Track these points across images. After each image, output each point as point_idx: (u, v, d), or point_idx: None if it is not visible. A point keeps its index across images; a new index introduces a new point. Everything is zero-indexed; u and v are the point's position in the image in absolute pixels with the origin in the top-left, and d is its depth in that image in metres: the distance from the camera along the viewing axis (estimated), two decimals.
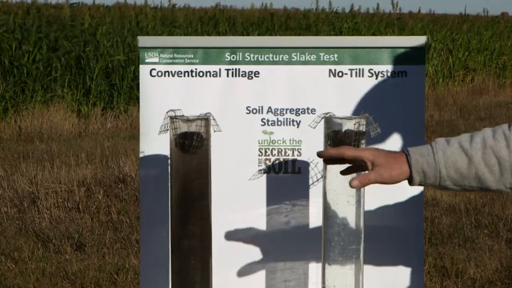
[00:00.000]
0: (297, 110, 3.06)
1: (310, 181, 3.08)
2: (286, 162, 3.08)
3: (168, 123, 2.73)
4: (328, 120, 2.68)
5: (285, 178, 3.08)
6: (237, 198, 3.09)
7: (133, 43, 12.20)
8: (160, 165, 3.07)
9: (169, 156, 2.75)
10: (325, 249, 2.75)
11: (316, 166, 3.07)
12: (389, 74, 3.05)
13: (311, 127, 3.04)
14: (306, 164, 3.07)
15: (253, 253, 3.11)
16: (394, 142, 3.06)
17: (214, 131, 2.98)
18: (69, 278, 4.91)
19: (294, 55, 3.06)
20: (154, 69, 3.09)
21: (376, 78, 3.05)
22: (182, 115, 2.79)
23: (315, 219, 3.05)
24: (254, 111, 3.08)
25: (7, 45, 11.11)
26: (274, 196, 3.08)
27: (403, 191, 3.07)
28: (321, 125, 2.76)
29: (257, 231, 3.09)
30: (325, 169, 2.72)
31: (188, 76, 3.09)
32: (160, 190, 3.04)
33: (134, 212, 6.16)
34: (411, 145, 3.06)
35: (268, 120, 3.07)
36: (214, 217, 2.84)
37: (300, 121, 3.06)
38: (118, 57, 11.63)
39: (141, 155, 3.10)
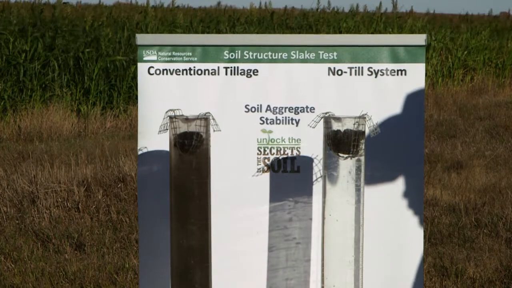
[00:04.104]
0: (296, 108, 3.06)
1: (310, 180, 3.07)
2: (285, 160, 3.07)
3: (168, 122, 2.73)
4: (328, 120, 2.68)
5: (284, 177, 3.08)
6: (236, 197, 3.08)
7: (133, 43, 12.19)
8: (159, 164, 3.06)
9: (168, 155, 2.75)
10: (325, 248, 2.75)
11: (317, 165, 3.06)
12: (388, 72, 3.05)
13: (310, 126, 3.03)
14: (305, 163, 3.07)
15: (253, 252, 3.10)
16: (393, 142, 3.05)
17: (214, 130, 2.98)
18: (69, 277, 4.91)
19: (293, 53, 3.06)
20: (152, 67, 3.08)
21: (376, 77, 3.05)
22: (182, 115, 2.79)
23: (315, 218, 3.05)
24: (253, 109, 3.07)
25: (3, 43, 11.10)
26: (273, 195, 3.08)
27: (403, 191, 3.07)
28: (321, 124, 2.76)
29: (256, 229, 3.09)
30: (324, 168, 2.71)
31: (187, 74, 3.08)
32: (160, 190, 3.03)
33: (134, 212, 6.16)
34: (410, 144, 3.06)
35: (267, 119, 3.07)
36: (214, 216, 2.83)
37: (299, 119, 3.06)
38: (119, 58, 11.63)
39: (139, 153, 3.09)
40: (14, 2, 15.77)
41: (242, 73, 3.07)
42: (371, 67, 3.05)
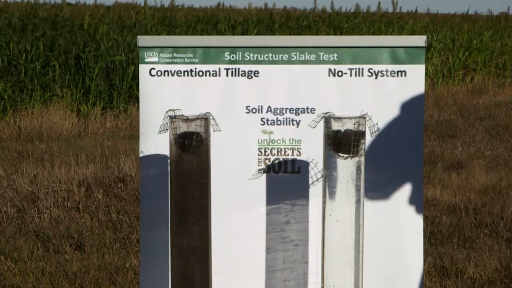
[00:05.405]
0: (297, 109, 3.06)
1: (310, 181, 3.08)
2: (285, 161, 3.08)
3: (168, 122, 2.73)
4: (328, 120, 2.68)
5: (285, 178, 3.08)
6: (236, 198, 3.08)
7: (133, 42, 12.20)
8: (160, 165, 3.07)
9: (169, 155, 2.75)
10: (325, 248, 2.75)
11: (316, 165, 3.07)
12: (388, 73, 3.05)
13: (310, 126, 3.04)
14: (306, 164, 3.07)
15: (253, 252, 3.11)
16: (393, 142, 3.06)
17: (214, 130, 2.99)
18: (69, 278, 4.91)
19: (294, 54, 3.06)
20: (154, 68, 3.09)
21: (376, 78, 3.05)
22: (182, 115, 2.79)
23: (315, 218, 3.05)
24: (254, 110, 3.08)
25: (4, 43, 11.10)
26: (274, 195, 3.08)
27: (403, 191, 3.07)
28: (321, 125, 2.77)
29: (256, 230, 3.09)
30: (325, 168, 2.72)
31: (188, 75, 3.09)
32: (160, 190, 3.04)
33: (134, 212, 6.16)
34: (410, 145, 3.07)
35: (267, 120, 3.07)
36: (214, 216, 2.84)
37: (299, 120, 3.06)
38: (119, 57, 11.63)
39: (141, 154, 3.10)
40: (13, 1, 15.76)
41: (243, 75, 3.07)
42: (371, 68, 3.05)
